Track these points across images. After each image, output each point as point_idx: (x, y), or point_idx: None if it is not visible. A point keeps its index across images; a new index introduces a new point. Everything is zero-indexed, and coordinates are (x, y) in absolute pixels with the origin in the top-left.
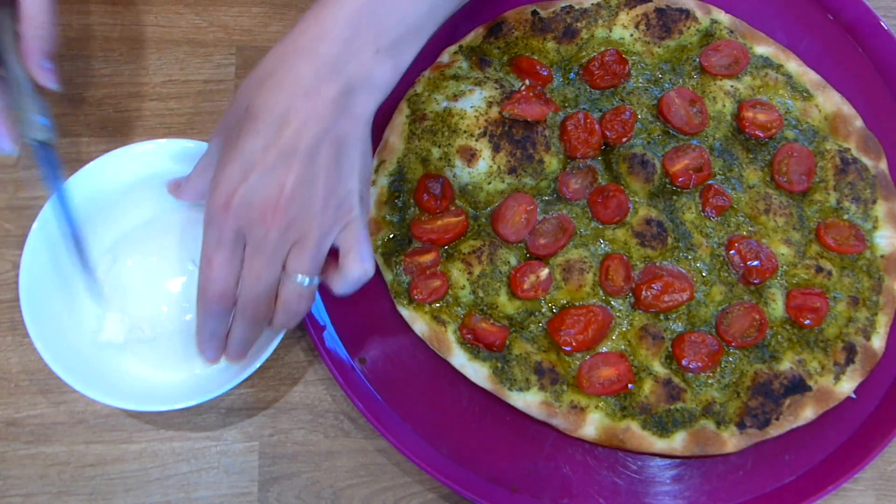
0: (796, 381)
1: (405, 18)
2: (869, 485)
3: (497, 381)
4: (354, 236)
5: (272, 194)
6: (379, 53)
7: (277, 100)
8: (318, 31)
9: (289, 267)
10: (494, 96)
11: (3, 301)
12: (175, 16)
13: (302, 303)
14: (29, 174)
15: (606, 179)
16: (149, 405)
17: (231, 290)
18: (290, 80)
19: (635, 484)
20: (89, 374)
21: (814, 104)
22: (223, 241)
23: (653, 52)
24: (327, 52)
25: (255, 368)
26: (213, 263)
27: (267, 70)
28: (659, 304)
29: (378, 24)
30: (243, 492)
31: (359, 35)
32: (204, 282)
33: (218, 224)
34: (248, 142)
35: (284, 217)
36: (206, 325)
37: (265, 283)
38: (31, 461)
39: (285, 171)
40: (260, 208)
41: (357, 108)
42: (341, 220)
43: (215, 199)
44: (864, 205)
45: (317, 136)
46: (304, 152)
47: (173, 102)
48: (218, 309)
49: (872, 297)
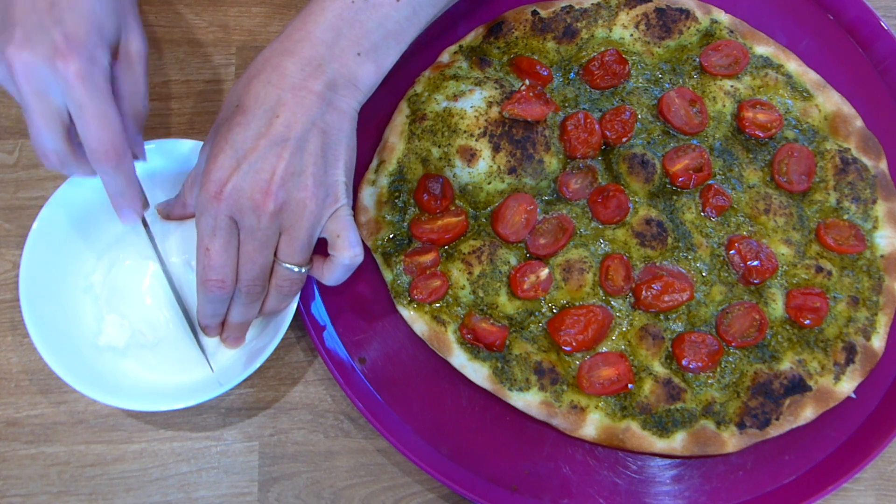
0: (796, 381)
1: (385, 23)
2: (869, 485)
3: (497, 381)
4: (342, 223)
5: (263, 181)
6: (360, 56)
7: (266, 94)
8: (302, 35)
9: (279, 253)
10: (494, 96)
11: (3, 301)
12: (175, 16)
13: (293, 287)
14: (29, 174)
15: (606, 179)
16: (149, 405)
17: (229, 275)
18: (277, 77)
19: (635, 484)
20: (89, 373)
21: (814, 104)
22: (218, 230)
23: (653, 52)
24: (311, 53)
25: (254, 368)
26: (210, 252)
27: (255, 70)
28: (659, 304)
29: (359, 28)
30: (243, 492)
31: (340, 38)
32: (202, 269)
33: (212, 213)
34: (238, 133)
35: (275, 203)
36: (207, 309)
37: (259, 266)
38: (31, 461)
39: (275, 160)
40: (251, 195)
41: (341, 104)
42: (329, 208)
43: (207, 189)
44: (864, 205)
45: (305, 126)
46: (293, 142)
47: (173, 102)
48: (218, 294)
49: (872, 297)
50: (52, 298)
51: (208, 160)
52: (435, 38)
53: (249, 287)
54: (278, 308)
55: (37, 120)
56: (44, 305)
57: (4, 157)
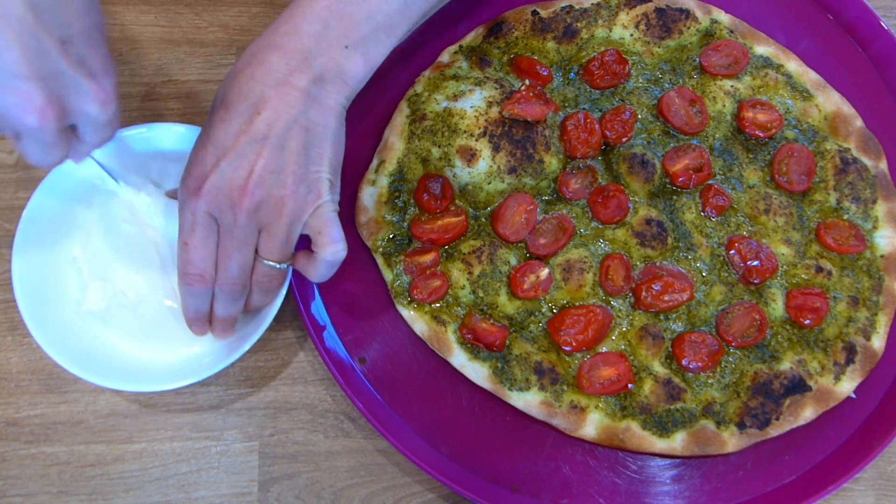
0: (796, 381)
1: (375, 15)
2: (869, 485)
3: (497, 381)
4: (324, 219)
5: (240, 179)
6: (349, 49)
7: (249, 89)
8: (289, 28)
9: (259, 250)
10: (494, 96)
11: (2, 301)
12: (175, 16)
13: (274, 283)
14: (29, 174)
15: (606, 179)
16: (141, 385)
17: (208, 270)
18: (261, 72)
19: (635, 484)
20: (82, 354)
21: (814, 104)
22: (197, 225)
23: (653, 52)
24: (298, 47)
25: (244, 350)
26: (188, 247)
27: (241, 65)
28: (659, 304)
29: (348, 19)
30: (243, 492)
31: (328, 30)
32: (182, 264)
33: (191, 209)
34: (219, 129)
35: (252, 201)
36: (189, 304)
37: (238, 263)
38: (31, 461)
39: (254, 157)
40: (229, 192)
41: (327, 99)
42: (310, 206)
43: (187, 185)
44: (864, 205)
45: (287, 123)
46: (273, 139)
47: (173, 102)
48: (197, 289)
49: (872, 297)
50: (42, 278)
51: (190, 155)
52: (435, 38)
53: (229, 284)
54: (263, 303)
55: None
56: (35, 286)
57: (4, 157)
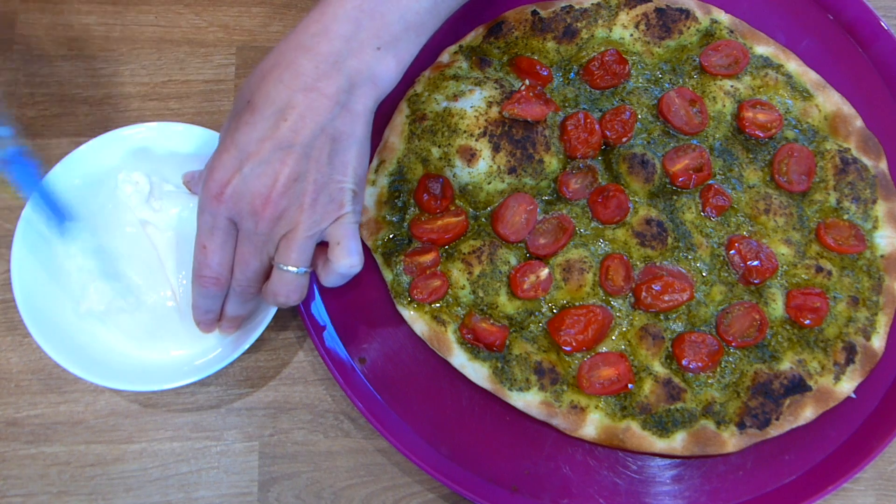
0: (796, 381)
1: (407, 14)
2: (869, 485)
3: (497, 381)
4: (344, 231)
5: (264, 187)
6: (380, 50)
7: (277, 94)
8: (320, 28)
9: (277, 258)
10: (494, 96)
11: (2, 301)
12: (175, 16)
13: (289, 290)
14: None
15: (606, 179)
16: (141, 385)
17: (223, 274)
18: (290, 75)
19: (635, 484)
20: (82, 354)
21: (814, 104)
22: (216, 229)
23: (653, 52)
24: (328, 49)
25: (242, 351)
26: (206, 250)
27: (269, 65)
28: (659, 304)
29: (379, 20)
30: (243, 492)
31: (360, 31)
32: (198, 266)
33: (211, 212)
34: (244, 133)
35: (274, 210)
36: (200, 304)
37: (253, 269)
38: (31, 461)
39: (279, 165)
40: (251, 200)
41: (356, 105)
42: (331, 216)
43: (209, 188)
44: (864, 205)
45: (313, 131)
46: (298, 148)
47: (173, 102)
48: (211, 291)
49: (872, 297)
50: (42, 278)
51: (213, 157)
52: (435, 37)
53: (243, 287)
54: (277, 304)
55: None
56: (34, 286)
57: None
